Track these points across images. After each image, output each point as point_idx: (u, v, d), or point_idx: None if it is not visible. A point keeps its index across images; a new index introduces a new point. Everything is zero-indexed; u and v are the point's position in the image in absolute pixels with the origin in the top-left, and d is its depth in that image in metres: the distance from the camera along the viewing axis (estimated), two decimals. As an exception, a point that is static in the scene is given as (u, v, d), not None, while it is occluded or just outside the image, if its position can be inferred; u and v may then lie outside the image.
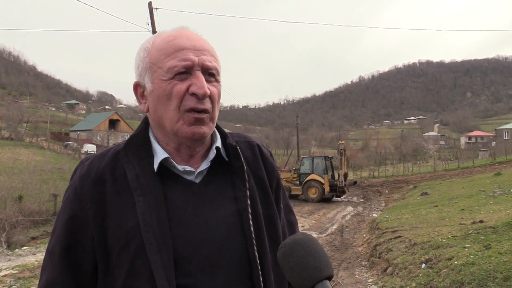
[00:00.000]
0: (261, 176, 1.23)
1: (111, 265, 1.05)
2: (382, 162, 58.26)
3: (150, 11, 16.01)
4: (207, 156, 1.18)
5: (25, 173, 27.30)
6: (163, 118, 1.10)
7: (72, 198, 1.10)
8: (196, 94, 1.07)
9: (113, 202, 1.07)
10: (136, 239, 1.03)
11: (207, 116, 1.10)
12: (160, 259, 1.00)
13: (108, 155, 1.15)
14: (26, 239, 15.11)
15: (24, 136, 56.39)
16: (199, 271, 1.04)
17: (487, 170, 29.43)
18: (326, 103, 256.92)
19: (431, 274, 5.53)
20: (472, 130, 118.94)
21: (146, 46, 1.15)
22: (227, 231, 1.09)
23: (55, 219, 1.16)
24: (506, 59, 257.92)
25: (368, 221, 14.07)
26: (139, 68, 1.14)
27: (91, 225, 1.06)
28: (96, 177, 1.10)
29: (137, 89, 1.17)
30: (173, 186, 1.10)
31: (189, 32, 1.14)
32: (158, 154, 1.12)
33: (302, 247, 0.92)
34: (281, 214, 1.27)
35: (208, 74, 1.11)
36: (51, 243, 1.12)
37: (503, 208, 9.30)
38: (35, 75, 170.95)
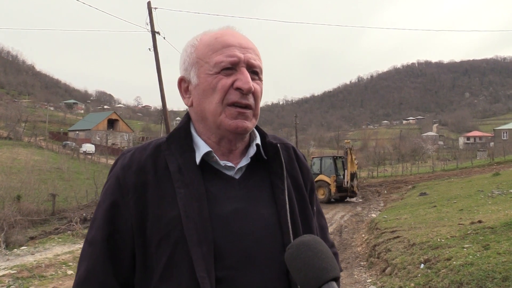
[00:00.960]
0: (297, 177, 1.25)
1: (150, 255, 1.06)
2: (381, 162, 58.33)
3: (149, 11, 15.99)
4: (245, 153, 1.20)
5: (24, 173, 27.29)
6: (206, 112, 1.13)
7: (114, 187, 1.12)
8: (240, 89, 1.10)
9: (154, 193, 1.08)
10: (177, 230, 1.04)
11: (250, 112, 1.14)
12: (200, 251, 1.02)
13: (149, 147, 1.17)
14: (25, 239, 15.08)
15: (22, 136, 56.37)
16: (237, 265, 1.05)
17: (486, 170, 29.49)
18: (325, 103, 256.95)
19: (430, 275, 5.54)
20: (471, 131, 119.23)
21: (193, 43, 1.19)
22: (265, 228, 1.11)
23: (92, 214, 1.17)
24: (504, 60, 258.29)
25: (367, 221, 14.08)
26: (185, 63, 1.18)
27: (131, 214, 1.08)
28: (138, 167, 1.11)
29: (181, 84, 1.21)
30: (213, 180, 1.13)
31: (235, 31, 1.19)
32: (200, 147, 1.14)
33: (309, 248, 0.93)
34: (315, 216, 1.29)
35: (252, 72, 1.14)
36: (91, 233, 1.13)
37: (502, 208, 9.32)
38: (34, 75, 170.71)
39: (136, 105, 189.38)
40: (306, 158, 1.38)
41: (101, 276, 1.08)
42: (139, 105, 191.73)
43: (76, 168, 36.42)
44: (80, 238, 12.17)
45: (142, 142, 35.09)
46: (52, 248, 10.92)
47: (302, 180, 1.26)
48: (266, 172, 1.20)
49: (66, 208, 21.75)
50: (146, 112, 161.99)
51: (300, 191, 1.24)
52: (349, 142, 24.78)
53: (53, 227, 17.95)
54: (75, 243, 11.49)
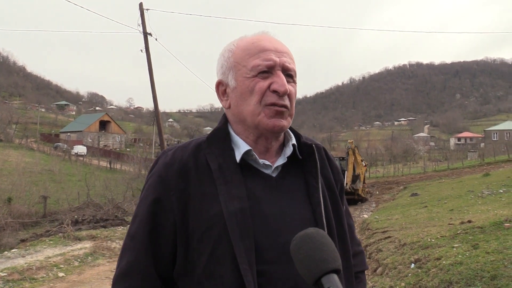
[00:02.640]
0: (329, 177, 1.30)
1: (191, 250, 1.12)
2: (373, 163, 58.52)
3: (141, 12, 15.96)
4: (280, 152, 1.26)
5: (15, 175, 27.05)
6: (245, 113, 1.18)
7: (157, 184, 1.17)
8: (277, 91, 1.15)
9: (196, 190, 1.13)
10: (219, 225, 1.09)
11: (286, 111, 1.19)
12: (243, 245, 1.06)
13: (190, 146, 1.22)
14: (15, 242, 14.94)
15: (13, 138, 55.87)
16: (276, 260, 1.10)
17: (476, 171, 29.74)
18: (317, 104, 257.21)
19: (420, 274, 5.59)
20: (462, 132, 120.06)
21: (231, 48, 1.24)
22: (301, 224, 1.14)
23: (134, 209, 1.23)
24: (494, 61, 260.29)
25: (359, 222, 14.14)
26: (223, 67, 1.24)
27: (174, 210, 1.13)
28: (180, 166, 1.16)
29: (219, 87, 1.27)
30: (252, 178, 1.17)
31: (270, 36, 1.24)
32: (240, 146, 1.19)
33: (311, 240, 0.96)
34: (345, 215, 1.34)
35: (287, 74, 1.19)
36: (133, 228, 1.18)
37: (491, 208, 9.42)
38: (25, 76, 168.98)
39: (128, 107, 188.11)
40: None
41: (142, 268, 1.13)
42: (131, 106, 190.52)
43: (67, 170, 36.19)
44: (72, 240, 12.08)
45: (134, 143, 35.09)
46: (43, 251, 10.83)
47: (334, 180, 1.32)
48: (300, 171, 1.25)
49: (57, 210, 21.61)
50: (138, 114, 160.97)
51: (333, 190, 1.29)
52: (352, 142, 23.54)
53: (44, 230, 17.79)
54: (67, 245, 11.42)
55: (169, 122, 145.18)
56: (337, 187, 1.32)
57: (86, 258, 9.92)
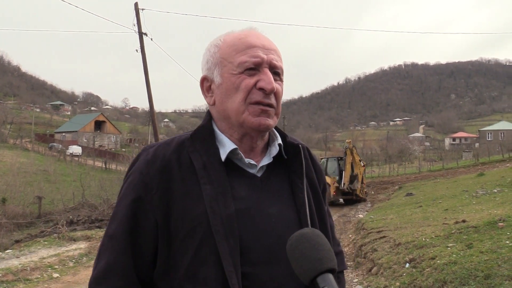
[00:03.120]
0: (312, 178, 1.29)
1: (174, 251, 1.08)
2: (368, 163, 58.67)
3: (136, 12, 15.93)
4: (265, 151, 1.24)
5: (9, 175, 26.90)
6: (229, 110, 1.15)
7: (137, 182, 1.13)
8: (263, 89, 1.12)
9: (179, 189, 1.10)
10: (203, 226, 1.06)
11: (273, 110, 1.16)
12: (227, 246, 1.03)
13: (172, 143, 1.18)
14: (10, 242, 14.86)
15: (8, 138, 55.56)
16: (261, 261, 1.08)
17: (471, 170, 29.89)
18: (312, 104, 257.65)
19: (414, 274, 5.61)
20: (456, 132, 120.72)
21: (217, 43, 1.21)
22: (286, 225, 1.13)
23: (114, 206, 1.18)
24: (489, 62, 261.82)
25: (354, 221, 14.18)
26: (209, 63, 1.21)
27: (155, 209, 1.09)
28: (163, 164, 1.13)
29: (204, 83, 1.24)
30: (237, 177, 1.15)
31: (258, 33, 1.21)
32: (225, 145, 1.16)
33: (307, 240, 0.96)
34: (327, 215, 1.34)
35: (274, 72, 1.17)
36: (112, 227, 1.13)
37: (485, 208, 9.47)
38: (19, 76, 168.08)
39: (123, 107, 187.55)
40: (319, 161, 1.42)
41: (121, 270, 1.09)
42: (127, 106, 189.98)
43: (62, 170, 36.04)
44: (67, 241, 12.04)
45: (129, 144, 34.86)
46: (37, 251, 10.79)
47: (317, 180, 1.30)
48: (285, 171, 1.23)
49: (52, 210, 21.49)
50: (133, 114, 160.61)
51: (316, 191, 1.28)
52: (350, 142, 22.87)
53: (39, 230, 17.71)
54: (61, 246, 11.37)
55: (165, 122, 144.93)
56: (320, 188, 1.31)
57: (81, 259, 9.88)
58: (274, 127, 1.25)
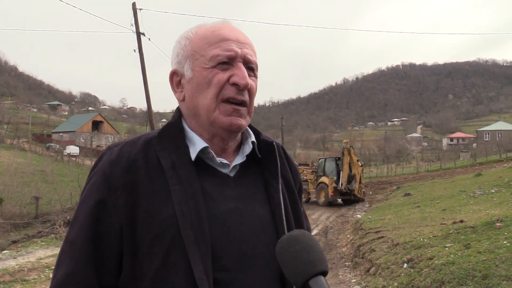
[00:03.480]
0: (288, 177, 1.23)
1: (140, 256, 1.01)
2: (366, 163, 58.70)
3: (134, 12, 15.91)
4: (238, 151, 1.18)
5: (6, 176, 26.80)
6: (200, 107, 1.10)
7: (101, 184, 1.05)
8: (237, 84, 1.07)
9: (146, 191, 1.03)
10: (172, 229, 0.99)
11: (245, 109, 1.11)
12: (198, 251, 0.97)
13: (139, 142, 1.11)
14: (7, 243, 14.81)
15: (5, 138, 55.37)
16: (234, 267, 1.02)
17: (468, 171, 29.94)
18: (311, 104, 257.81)
19: (412, 274, 5.62)
20: (454, 132, 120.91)
21: (188, 35, 1.15)
22: (261, 228, 1.08)
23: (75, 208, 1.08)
24: (486, 62, 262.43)
25: (352, 222, 14.19)
26: (179, 56, 1.14)
27: (120, 213, 1.02)
28: (128, 163, 1.05)
29: (173, 78, 1.17)
30: (208, 177, 1.09)
31: (232, 25, 1.15)
32: (196, 143, 1.10)
33: (298, 243, 0.93)
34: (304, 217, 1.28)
35: (248, 67, 1.11)
36: (73, 233, 1.05)
37: (483, 208, 9.49)
38: (17, 76, 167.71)
39: (121, 107, 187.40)
40: (294, 160, 1.36)
41: (82, 279, 1.01)
42: (124, 106, 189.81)
43: (60, 171, 35.92)
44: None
45: (127, 144, 35.42)
46: (35, 252, 10.76)
47: (293, 180, 1.25)
48: (259, 170, 1.17)
49: (49, 211, 21.42)
50: (131, 114, 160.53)
51: (292, 191, 1.22)
52: (347, 142, 23.01)
53: (36, 231, 17.65)
54: (59, 246, 11.33)
55: (163, 122, 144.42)
56: (296, 188, 1.25)
57: (78, 259, 9.84)
58: (248, 125, 1.20)
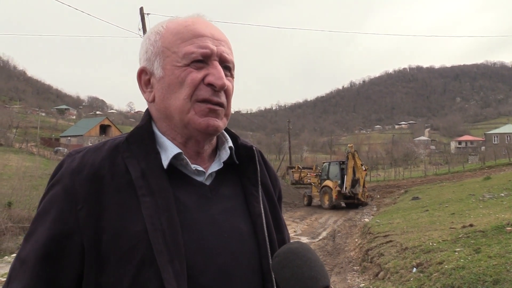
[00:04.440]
0: (267, 184, 1.15)
1: (106, 277, 0.90)
2: (374, 166, 58.55)
3: (142, 17, 16.01)
4: (213, 157, 1.09)
5: (15, 179, 26.96)
6: (172, 108, 1.00)
7: (59, 195, 0.94)
8: (213, 84, 0.98)
9: (112, 203, 0.92)
10: (142, 246, 0.89)
11: (222, 110, 1.02)
12: (171, 269, 0.88)
13: (104, 148, 1.00)
14: (16, 246, 14.89)
15: (13, 142, 55.83)
16: (213, 284, 0.93)
17: (477, 174, 29.72)
18: (317, 108, 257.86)
19: (422, 278, 5.57)
20: (462, 135, 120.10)
21: (159, 30, 1.05)
22: (241, 240, 1.01)
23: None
24: (494, 65, 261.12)
25: (360, 226, 14.11)
26: (148, 52, 1.05)
27: (82, 229, 0.91)
28: (91, 172, 0.94)
29: (142, 76, 1.06)
30: (182, 187, 1.00)
31: (206, 21, 1.06)
32: (168, 149, 1.00)
33: (297, 257, 0.87)
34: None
35: (225, 67, 1.03)
36: (26, 249, 0.94)
37: (493, 212, 9.39)
38: (25, 80, 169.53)
39: (128, 111, 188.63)
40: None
41: None
42: (132, 110, 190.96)
43: (68, 174, 36.20)
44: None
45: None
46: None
47: (272, 187, 1.17)
48: (237, 177, 1.10)
49: (57, 214, 21.60)
50: (138, 118, 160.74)
51: (272, 199, 1.14)
52: (352, 146, 23.09)
53: (44, 234, 17.79)
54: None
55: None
56: (275, 195, 1.17)
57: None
58: (225, 129, 1.12)
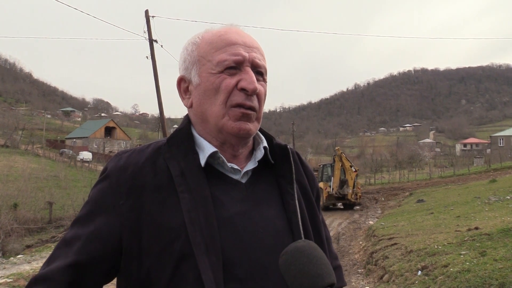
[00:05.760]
0: (303, 183, 1.19)
1: (148, 268, 0.97)
2: (378, 169, 58.32)
3: (147, 19, 16.07)
4: (250, 158, 1.14)
5: (21, 181, 27.14)
6: (208, 113, 1.07)
7: (106, 190, 1.03)
8: (245, 89, 1.04)
9: (153, 199, 1.00)
10: (181, 239, 0.96)
11: (254, 114, 1.07)
12: (208, 261, 0.93)
13: (148, 149, 1.09)
14: (21, 248, 15.01)
15: (19, 144, 56.09)
16: (248, 277, 0.97)
17: (483, 177, 29.53)
18: (322, 110, 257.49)
19: (427, 281, 5.55)
20: (467, 137, 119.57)
21: (195, 40, 1.13)
22: (276, 236, 1.04)
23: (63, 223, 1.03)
24: (500, 67, 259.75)
25: (364, 228, 14.08)
26: (186, 62, 1.12)
27: (123, 221, 0.99)
28: (135, 170, 1.03)
29: (181, 84, 1.15)
30: (219, 184, 1.05)
31: (239, 29, 1.13)
32: (205, 149, 1.07)
33: (304, 255, 0.90)
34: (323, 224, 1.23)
35: (257, 72, 1.08)
36: (71, 233, 1.02)
37: (498, 215, 9.35)
38: (31, 82, 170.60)
39: (133, 113, 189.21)
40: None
41: (72, 273, 0.97)
42: (137, 112, 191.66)
43: (73, 176, 36.30)
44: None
45: (139, 149, 36.36)
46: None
47: (309, 186, 1.21)
48: (273, 176, 1.14)
49: (63, 216, 21.66)
50: (143, 120, 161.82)
51: (308, 198, 1.18)
52: (339, 149, 24.39)
53: (50, 235, 17.88)
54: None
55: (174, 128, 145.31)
56: (313, 195, 1.21)
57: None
58: (258, 130, 1.16)
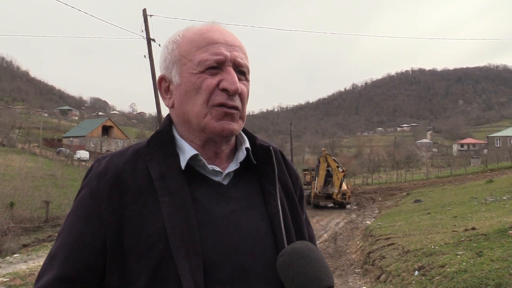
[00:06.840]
0: (286, 183, 1.17)
1: (128, 271, 0.97)
2: (376, 169, 58.48)
3: (145, 18, 16.04)
4: (231, 157, 1.13)
5: (17, 180, 27.05)
6: (190, 114, 1.05)
7: (86, 197, 1.03)
8: (227, 89, 1.02)
9: (133, 203, 0.99)
10: (161, 242, 0.95)
11: (237, 113, 1.06)
12: (188, 265, 0.93)
13: (128, 152, 1.08)
14: (17, 247, 14.95)
15: (16, 142, 55.93)
16: (230, 279, 0.97)
17: (479, 177, 29.63)
18: (319, 110, 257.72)
19: (424, 282, 5.55)
20: (464, 138, 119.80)
21: (176, 39, 1.10)
22: (258, 237, 1.03)
23: (51, 225, 1.05)
24: (497, 67, 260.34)
25: (361, 228, 14.10)
26: (166, 61, 1.10)
27: (106, 226, 0.98)
28: (115, 175, 1.02)
29: (162, 84, 1.13)
30: (200, 187, 1.04)
31: (221, 27, 1.10)
32: (186, 151, 1.05)
33: (301, 257, 0.89)
34: (305, 224, 1.22)
35: (239, 71, 1.07)
36: (55, 246, 1.04)
37: (495, 215, 9.37)
38: (28, 81, 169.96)
39: (131, 112, 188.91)
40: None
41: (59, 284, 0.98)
42: (134, 112, 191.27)
43: (70, 175, 36.18)
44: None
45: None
46: (45, 256, 10.79)
47: (292, 186, 1.19)
48: (255, 177, 1.12)
49: (59, 215, 21.59)
50: (141, 119, 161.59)
51: (291, 198, 1.16)
52: (325, 150, 25.77)
53: (46, 235, 17.81)
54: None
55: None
56: (296, 195, 1.19)
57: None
58: (242, 130, 1.15)
